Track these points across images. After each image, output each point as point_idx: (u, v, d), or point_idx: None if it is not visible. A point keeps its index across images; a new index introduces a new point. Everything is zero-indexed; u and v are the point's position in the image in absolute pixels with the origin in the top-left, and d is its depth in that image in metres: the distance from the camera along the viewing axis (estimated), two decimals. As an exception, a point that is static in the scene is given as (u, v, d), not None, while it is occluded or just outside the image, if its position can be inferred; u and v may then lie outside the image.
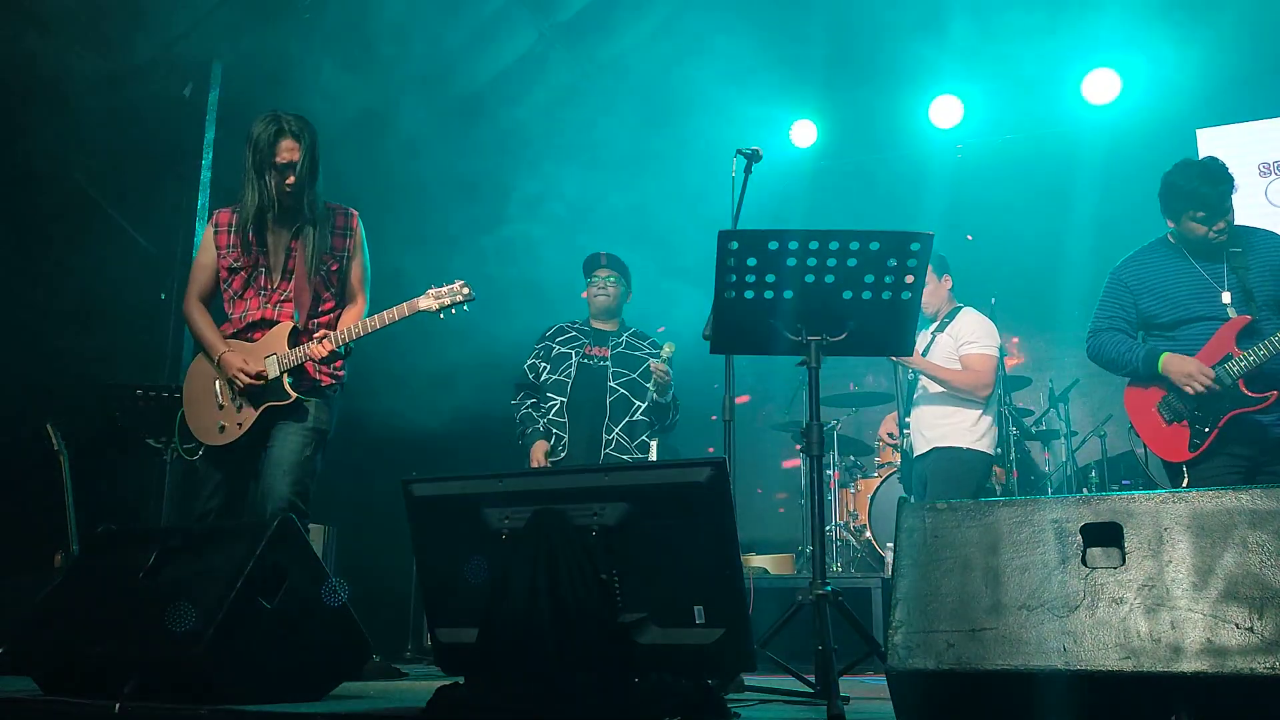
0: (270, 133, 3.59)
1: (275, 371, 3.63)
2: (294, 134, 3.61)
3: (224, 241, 3.75)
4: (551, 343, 4.99)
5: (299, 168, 3.61)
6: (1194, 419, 3.59)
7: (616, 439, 4.75)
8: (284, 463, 3.58)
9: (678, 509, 2.23)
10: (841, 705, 2.44)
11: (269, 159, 3.60)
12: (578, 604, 2.20)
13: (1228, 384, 3.53)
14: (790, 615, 3.17)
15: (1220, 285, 3.67)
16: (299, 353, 3.64)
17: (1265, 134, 7.02)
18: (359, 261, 3.86)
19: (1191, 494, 1.97)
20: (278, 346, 3.66)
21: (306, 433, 3.65)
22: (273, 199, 3.64)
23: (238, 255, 3.72)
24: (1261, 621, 1.78)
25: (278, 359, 3.64)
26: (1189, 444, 3.59)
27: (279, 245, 3.74)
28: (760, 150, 3.66)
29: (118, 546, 2.95)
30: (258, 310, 3.72)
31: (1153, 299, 3.77)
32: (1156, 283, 3.77)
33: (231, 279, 3.75)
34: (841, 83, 7.19)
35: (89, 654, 2.61)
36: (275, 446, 3.61)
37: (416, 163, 6.21)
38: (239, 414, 3.67)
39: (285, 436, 3.63)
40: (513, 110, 6.74)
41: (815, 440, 2.93)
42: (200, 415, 3.74)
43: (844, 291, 2.91)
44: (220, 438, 3.67)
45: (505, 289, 6.78)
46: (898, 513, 2.20)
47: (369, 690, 3.19)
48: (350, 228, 3.83)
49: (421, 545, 2.54)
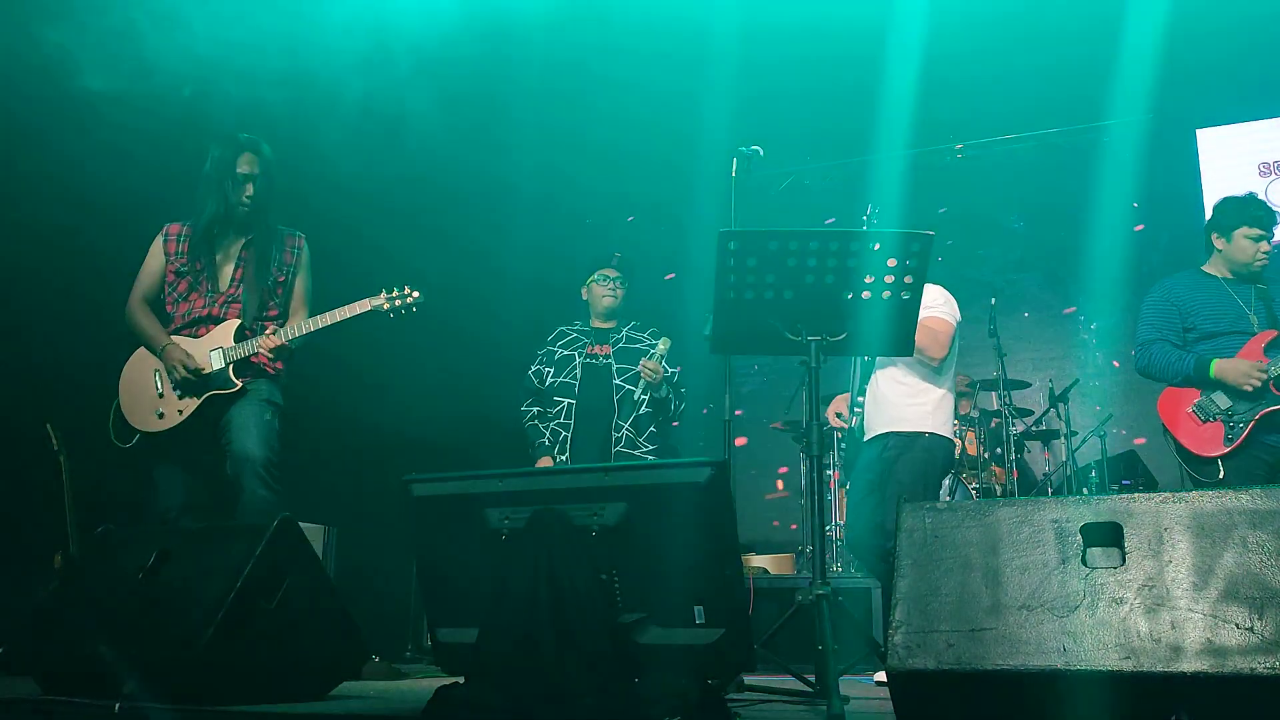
0: (233, 147, 3.81)
1: (220, 363, 3.73)
2: (253, 149, 3.83)
3: (173, 249, 3.90)
4: (554, 347, 5.01)
5: (257, 180, 3.82)
6: (1227, 418, 3.99)
7: (626, 435, 4.78)
8: (248, 427, 3.67)
9: (678, 509, 2.23)
10: (841, 705, 2.44)
11: (230, 170, 3.79)
12: (578, 604, 2.20)
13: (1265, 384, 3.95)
14: (790, 615, 3.18)
15: (1248, 309, 4.11)
16: (247, 345, 3.74)
17: (1265, 134, 7.02)
18: (303, 279, 3.99)
19: (1191, 494, 1.97)
20: (223, 341, 3.77)
21: (261, 403, 3.75)
22: (229, 207, 3.82)
23: (185, 261, 3.86)
24: (1261, 621, 1.78)
25: (223, 351, 3.75)
26: (1224, 439, 3.98)
27: (229, 253, 3.89)
28: (760, 150, 3.66)
29: (118, 546, 2.95)
30: (203, 309, 3.83)
31: (1194, 313, 4.16)
32: (1199, 301, 4.18)
33: (178, 282, 3.88)
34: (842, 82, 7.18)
35: (89, 654, 2.61)
36: (235, 417, 3.70)
37: (410, 158, 6.20)
38: (180, 401, 3.74)
39: (243, 408, 3.72)
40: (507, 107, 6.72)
41: (815, 440, 2.93)
42: (137, 404, 3.80)
43: (844, 291, 2.91)
44: (159, 424, 3.74)
45: (504, 289, 6.79)
46: (898, 513, 2.20)
47: (369, 690, 3.19)
48: (298, 247, 4.00)
49: (421, 545, 2.55)
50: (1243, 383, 3.96)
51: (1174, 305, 4.21)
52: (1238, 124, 7.08)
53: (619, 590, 2.27)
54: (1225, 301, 4.14)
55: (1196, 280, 4.24)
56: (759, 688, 3.01)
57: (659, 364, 4.69)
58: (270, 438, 3.70)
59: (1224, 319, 4.11)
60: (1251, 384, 3.93)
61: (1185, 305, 4.19)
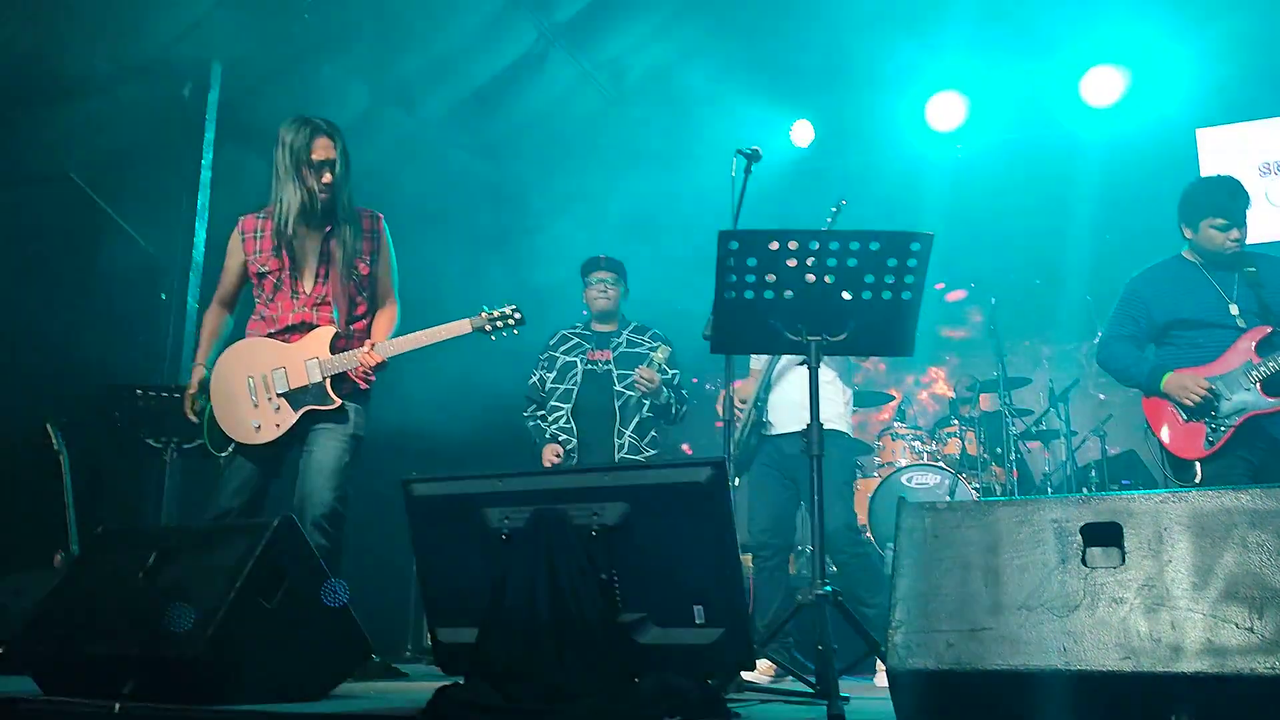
0: (306, 132, 3.59)
1: (318, 376, 3.60)
2: (328, 133, 3.62)
3: (251, 247, 3.72)
4: (555, 352, 5.00)
5: (336, 165, 3.61)
6: (1210, 418, 3.78)
7: (629, 441, 4.78)
8: (325, 469, 3.56)
9: (678, 509, 2.23)
10: (841, 705, 2.44)
11: (305, 157, 3.58)
12: (578, 604, 2.20)
13: (1246, 387, 3.73)
14: (790, 615, 3.18)
15: (1230, 297, 3.86)
16: (345, 359, 3.61)
17: (1265, 134, 7.01)
18: (386, 263, 3.84)
19: (1191, 494, 1.97)
20: (318, 351, 3.62)
21: (347, 438, 3.64)
22: (311, 197, 3.61)
23: (267, 259, 3.68)
24: (1261, 621, 1.78)
25: (320, 363, 3.61)
26: (1205, 441, 3.78)
27: (309, 249, 3.70)
28: (760, 150, 3.66)
29: (118, 546, 2.94)
30: (293, 314, 3.68)
31: (1165, 307, 3.96)
32: (1169, 291, 3.97)
33: (262, 283, 3.72)
34: (840, 82, 7.19)
35: (89, 654, 2.61)
36: (316, 451, 3.59)
37: (413, 164, 6.21)
38: (277, 414, 3.61)
39: (326, 442, 3.60)
40: (510, 111, 6.73)
41: (815, 440, 2.93)
42: (233, 412, 3.65)
43: (844, 291, 2.91)
44: (257, 436, 3.61)
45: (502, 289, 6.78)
46: (898, 513, 2.20)
47: (369, 690, 3.19)
48: (377, 230, 3.81)
49: (421, 545, 2.54)
50: (1182, 397, 3.78)
51: (1143, 302, 4.02)
52: (1238, 124, 7.07)
53: (619, 590, 2.27)
54: (1202, 290, 3.91)
55: (1175, 269, 4.02)
56: (759, 688, 3.01)
57: (655, 372, 4.68)
58: (343, 484, 3.59)
59: (1200, 308, 3.89)
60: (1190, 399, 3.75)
61: (1159, 298, 3.98)
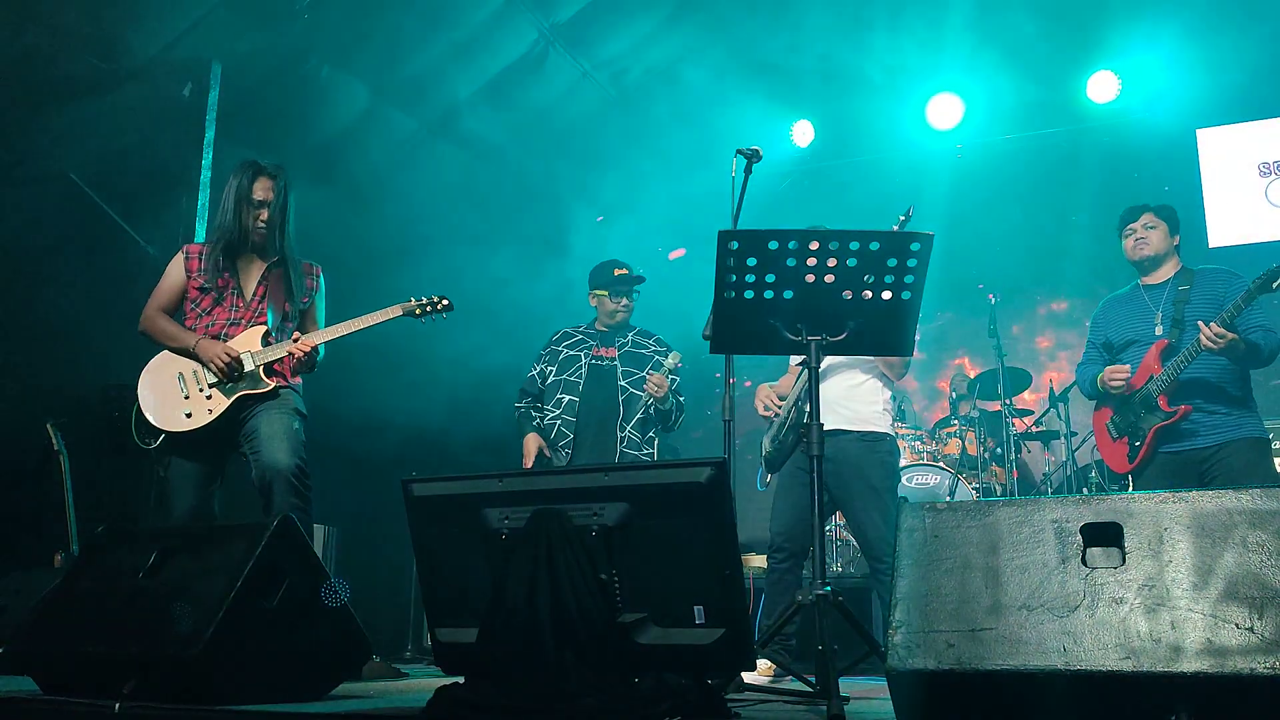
0: (250, 173, 3.83)
1: (251, 365, 3.73)
2: (270, 174, 3.85)
3: (195, 266, 3.89)
4: (558, 348, 5.01)
5: (272, 206, 3.83)
6: (1131, 434, 4.06)
7: (629, 436, 4.79)
8: (277, 436, 3.65)
9: (678, 509, 2.22)
10: (841, 705, 2.44)
11: (246, 194, 3.82)
12: (578, 604, 2.20)
13: (1151, 393, 3.98)
14: (790, 615, 3.18)
15: (1155, 312, 4.13)
16: (276, 349, 3.75)
17: (1265, 134, 7.02)
18: (320, 308, 4.03)
19: (1192, 494, 1.97)
20: (251, 345, 3.77)
21: (291, 411, 3.75)
22: (246, 232, 3.83)
23: (209, 277, 3.85)
24: (1261, 621, 1.78)
25: (252, 355, 3.74)
26: (1128, 455, 4.07)
27: (251, 273, 3.90)
28: (760, 150, 3.66)
29: (118, 546, 2.94)
30: (227, 322, 3.82)
31: (1112, 330, 4.28)
32: (1115, 315, 4.30)
33: (201, 298, 3.87)
34: (840, 82, 7.19)
35: (89, 654, 2.61)
36: (264, 426, 3.68)
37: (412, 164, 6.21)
38: (209, 401, 3.72)
39: (271, 414, 3.71)
40: (510, 112, 6.73)
41: (815, 440, 2.93)
42: (163, 405, 3.75)
43: (844, 291, 2.91)
44: (187, 423, 3.70)
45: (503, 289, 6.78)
46: (898, 513, 2.20)
47: (369, 690, 3.19)
48: (315, 275, 4.03)
49: (421, 545, 2.54)
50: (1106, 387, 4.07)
51: (1099, 328, 4.34)
52: (1238, 124, 7.07)
53: (619, 590, 2.26)
54: (1136, 310, 4.19)
55: (1126, 294, 4.30)
56: (759, 687, 3.01)
57: (665, 379, 4.70)
58: (299, 448, 3.68)
59: (1130, 328, 4.17)
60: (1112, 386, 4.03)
61: (1109, 322, 4.28)
